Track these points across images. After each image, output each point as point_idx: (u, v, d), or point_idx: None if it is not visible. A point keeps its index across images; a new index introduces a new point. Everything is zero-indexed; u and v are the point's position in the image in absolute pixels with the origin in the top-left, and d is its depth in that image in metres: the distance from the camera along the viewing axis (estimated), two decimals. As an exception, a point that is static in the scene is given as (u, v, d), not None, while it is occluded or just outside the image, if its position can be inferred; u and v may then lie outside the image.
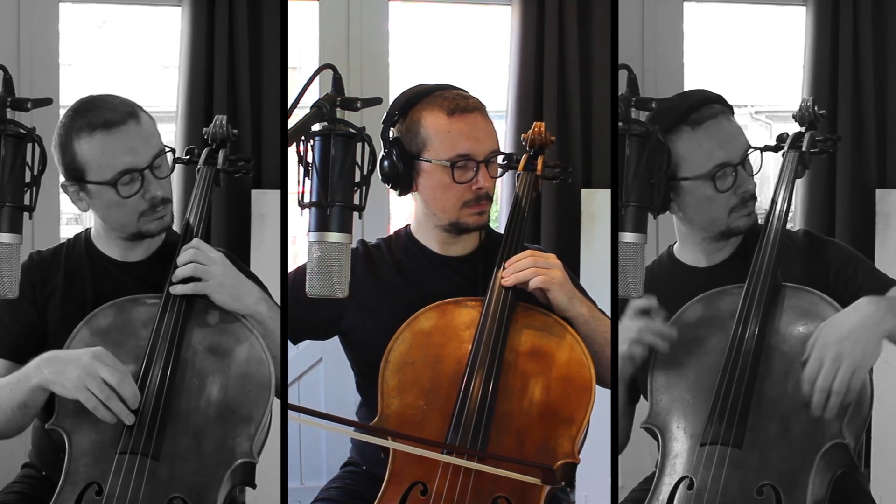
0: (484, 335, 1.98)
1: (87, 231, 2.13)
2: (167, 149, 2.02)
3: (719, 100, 2.04)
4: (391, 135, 2.11)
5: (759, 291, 1.94)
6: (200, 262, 1.97)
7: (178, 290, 1.96)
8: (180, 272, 1.97)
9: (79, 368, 1.82)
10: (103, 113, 1.96)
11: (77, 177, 1.99)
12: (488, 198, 2.10)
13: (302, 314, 2.12)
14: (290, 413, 1.88)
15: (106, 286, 2.06)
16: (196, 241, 2.01)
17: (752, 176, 2.04)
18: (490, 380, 1.94)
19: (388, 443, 1.91)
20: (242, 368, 1.95)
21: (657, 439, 1.94)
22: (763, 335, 1.91)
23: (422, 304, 2.06)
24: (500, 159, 2.16)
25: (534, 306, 2.03)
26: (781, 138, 2.08)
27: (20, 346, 2.01)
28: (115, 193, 1.97)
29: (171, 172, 2.05)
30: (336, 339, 2.22)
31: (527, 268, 2.01)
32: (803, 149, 2.03)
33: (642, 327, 1.95)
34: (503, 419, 1.93)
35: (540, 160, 2.24)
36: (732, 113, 2.06)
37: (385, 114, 2.12)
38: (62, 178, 2.03)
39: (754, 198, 2.05)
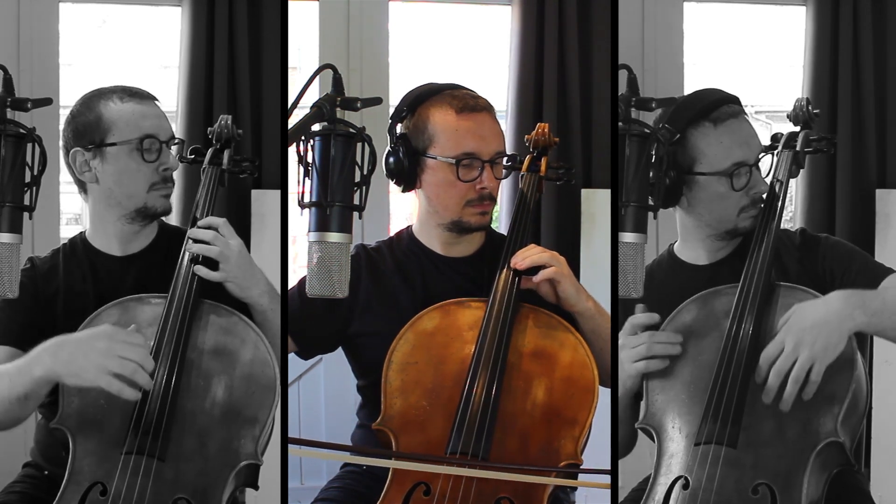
0: (487, 336, 1.99)
1: (82, 234, 2.14)
2: (177, 139, 2.10)
3: (737, 100, 2.06)
4: (398, 130, 2.12)
5: (754, 291, 1.94)
6: (223, 249, 1.98)
7: (201, 271, 1.97)
8: (201, 249, 1.98)
9: (95, 353, 1.78)
10: (132, 88, 2.07)
11: (97, 140, 2.02)
12: (491, 198, 2.10)
13: (312, 330, 2.13)
14: (291, 447, 1.88)
15: (107, 283, 2.07)
16: (223, 220, 2.01)
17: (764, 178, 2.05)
18: (493, 381, 1.94)
19: (391, 463, 1.91)
20: (247, 370, 1.95)
21: (653, 439, 1.94)
22: (757, 335, 1.91)
23: (425, 306, 2.06)
24: (503, 161, 2.16)
25: (537, 307, 2.04)
26: (776, 138, 2.09)
27: (26, 332, 2.00)
28: (137, 155, 2.02)
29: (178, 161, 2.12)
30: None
31: (539, 253, 2.02)
32: (797, 148, 2.04)
33: (649, 342, 1.94)
34: (506, 420, 1.93)
35: (543, 161, 2.25)
36: (746, 115, 2.08)
37: (393, 109, 2.13)
38: (72, 149, 2.04)
39: (763, 200, 2.05)
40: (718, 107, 2.02)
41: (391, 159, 2.11)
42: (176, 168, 2.09)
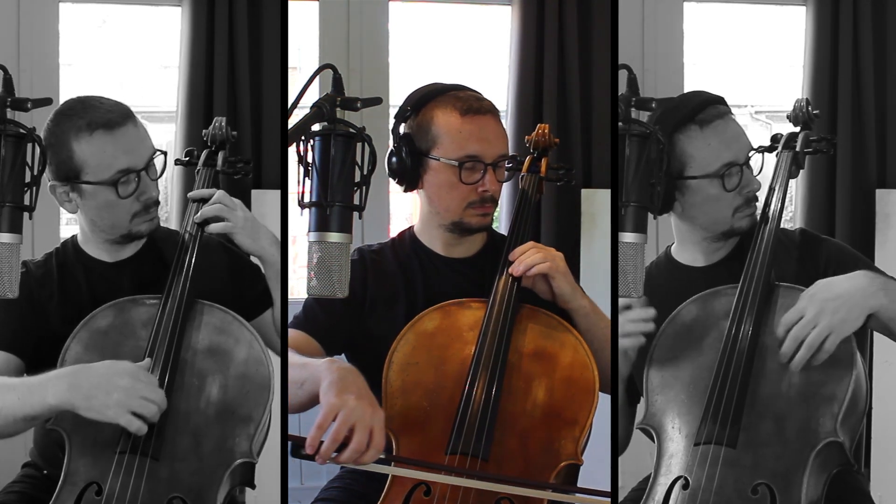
0: (487, 336, 1.99)
1: (74, 237, 2.13)
2: (158, 151, 2.05)
3: (722, 101, 2.05)
4: (402, 130, 2.11)
5: (753, 292, 1.95)
6: (226, 204, 2.05)
7: (212, 228, 2.04)
8: (207, 211, 2.04)
9: (117, 392, 1.79)
10: (103, 113, 1.98)
11: (71, 176, 1.99)
12: (493, 200, 2.10)
13: (334, 332, 2.12)
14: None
15: (100, 287, 2.07)
16: (217, 190, 2.08)
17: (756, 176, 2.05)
18: (493, 381, 1.94)
19: (389, 469, 1.89)
20: (241, 369, 1.95)
21: (653, 439, 1.94)
22: (757, 335, 1.92)
23: (426, 307, 2.06)
24: (506, 163, 2.16)
25: (537, 308, 2.04)
26: (775, 139, 2.09)
27: (19, 338, 2.01)
28: (113, 193, 1.98)
29: (162, 175, 2.08)
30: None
31: (534, 255, 2.02)
32: (797, 149, 2.04)
33: (622, 321, 1.95)
34: (507, 421, 1.93)
35: (544, 162, 2.25)
36: (732, 114, 2.07)
37: (397, 109, 2.13)
38: (50, 181, 2.01)
39: (757, 198, 2.05)
40: (703, 109, 2.02)
41: (394, 159, 2.11)
42: (157, 195, 2.05)
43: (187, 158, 2.19)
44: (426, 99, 2.10)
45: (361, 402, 1.76)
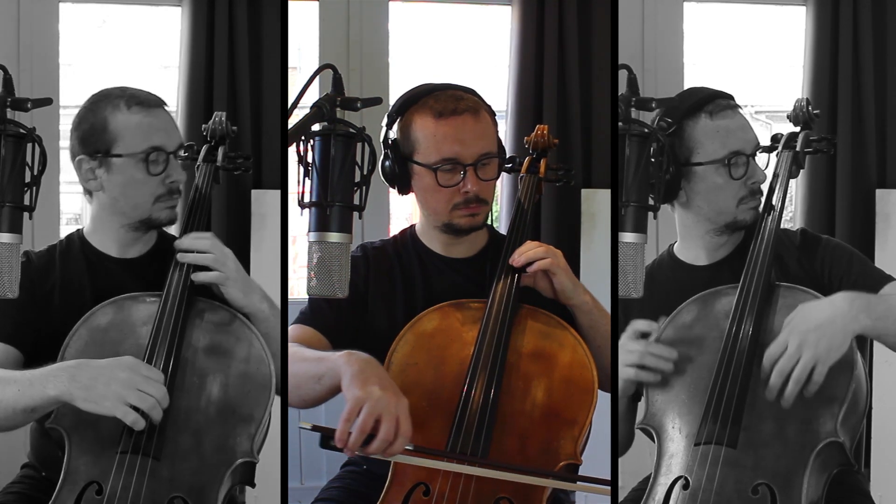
0: (486, 337, 1.99)
1: (80, 231, 2.13)
2: (185, 145, 2.09)
3: (730, 96, 2.07)
4: (389, 136, 2.11)
5: (754, 291, 1.95)
6: (217, 253, 1.98)
7: (201, 277, 1.97)
8: (197, 258, 1.98)
9: (116, 383, 1.79)
10: (141, 95, 2.04)
11: (102, 149, 2.00)
12: (479, 200, 2.08)
13: (344, 329, 2.11)
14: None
15: (103, 283, 2.06)
16: (210, 233, 2.02)
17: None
18: (492, 381, 1.94)
19: (398, 457, 1.89)
20: (242, 367, 1.95)
21: (653, 439, 1.95)
22: (757, 335, 1.92)
23: (426, 307, 2.06)
24: (495, 161, 2.15)
25: (536, 308, 2.04)
26: (776, 138, 2.10)
27: (19, 329, 2.00)
28: (142, 169, 2.01)
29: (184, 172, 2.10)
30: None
31: (535, 249, 2.02)
32: (797, 149, 2.04)
33: (643, 351, 1.94)
34: (506, 421, 1.93)
35: (543, 163, 2.25)
36: (741, 108, 2.09)
37: (386, 114, 2.13)
38: (77, 156, 2.03)
39: (762, 191, 2.06)
40: (713, 100, 2.04)
41: (386, 164, 2.11)
42: (183, 180, 2.06)
43: (186, 154, 2.19)
44: (409, 103, 2.09)
45: (386, 392, 1.77)
